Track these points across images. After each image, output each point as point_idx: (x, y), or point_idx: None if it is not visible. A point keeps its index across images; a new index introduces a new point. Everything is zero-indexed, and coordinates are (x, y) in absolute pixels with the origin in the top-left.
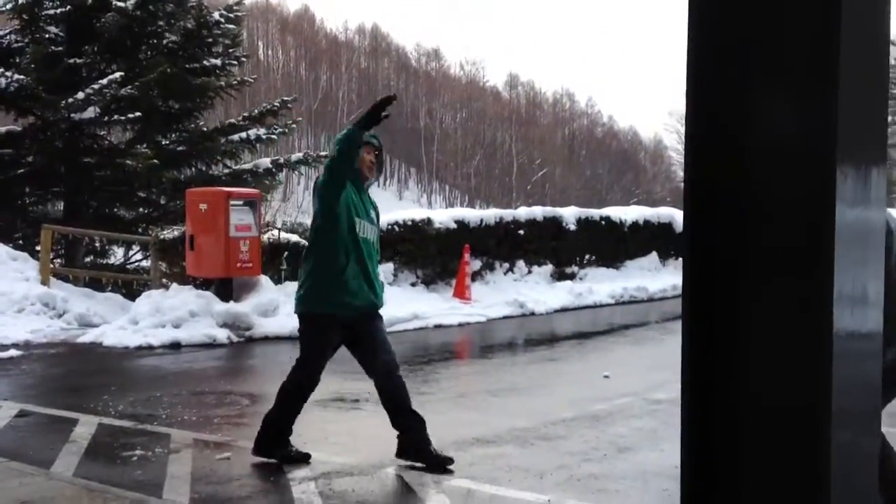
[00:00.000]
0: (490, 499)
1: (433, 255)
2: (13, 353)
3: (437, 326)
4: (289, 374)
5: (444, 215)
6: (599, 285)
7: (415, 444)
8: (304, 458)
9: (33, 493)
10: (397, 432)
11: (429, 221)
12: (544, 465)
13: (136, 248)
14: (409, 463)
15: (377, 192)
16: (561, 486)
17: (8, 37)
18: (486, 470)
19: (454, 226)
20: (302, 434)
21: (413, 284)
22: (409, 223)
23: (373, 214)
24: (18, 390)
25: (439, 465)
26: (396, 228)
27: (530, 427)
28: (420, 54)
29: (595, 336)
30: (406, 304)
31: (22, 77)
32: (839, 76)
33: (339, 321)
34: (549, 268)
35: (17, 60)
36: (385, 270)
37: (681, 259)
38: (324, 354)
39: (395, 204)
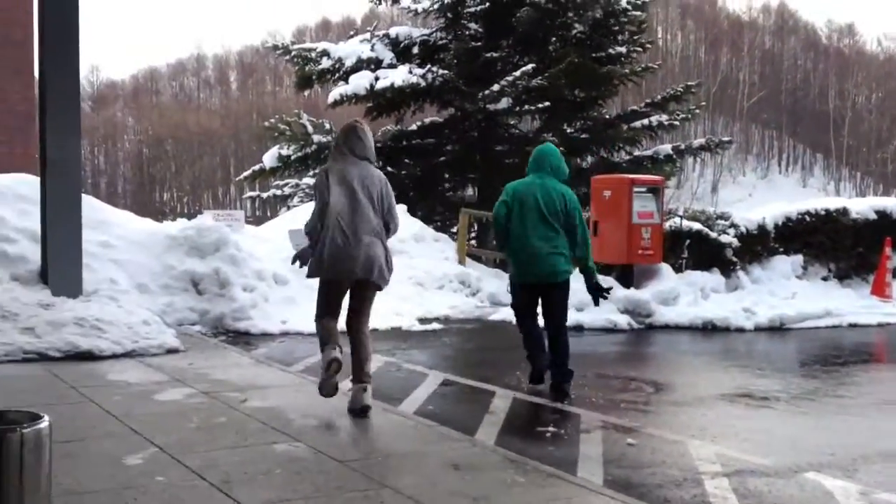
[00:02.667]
0: None
1: (848, 247)
2: (435, 326)
3: (852, 325)
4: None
5: (861, 205)
6: None
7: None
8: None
9: (461, 457)
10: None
11: (844, 211)
12: None
13: None
14: (827, 469)
15: (778, 178)
16: None
17: (435, 35)
18: None
19: (874, 216)
20: (708, 428)
21: (824, 279)
22: (822, 213)
23: None
24: (441, 361)
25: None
26: (807, 218)
27: None
28: (831, 31)
29: None
30: (817, 300)
31: (445, 72)
32: None
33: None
34: None
35: (442, 57)
36: (793, 262)
37: None
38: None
39: (799, 192)
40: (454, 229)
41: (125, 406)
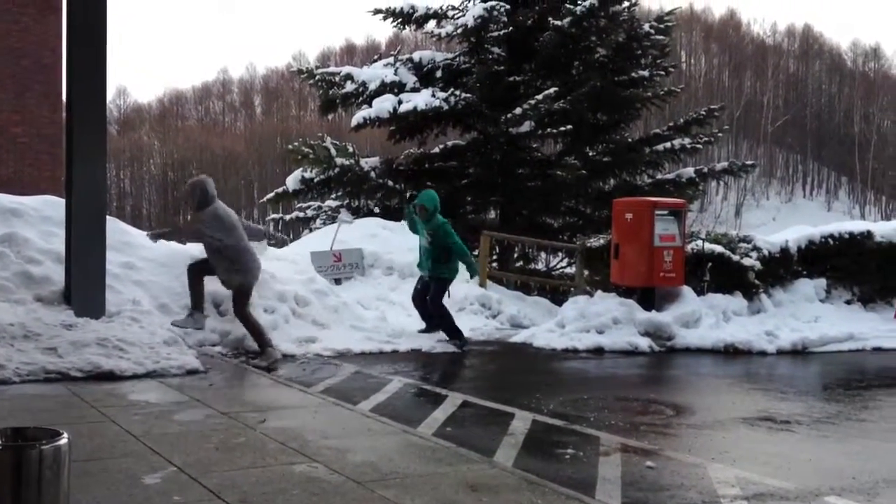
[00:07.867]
0: None
1: (872, 271)
2: (456, 347)
3: (876, 349)
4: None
5: (886, 228)
6: None
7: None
8: None
9: (479, 478)
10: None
11: (869, 234)
12: None
13: (560, 254)
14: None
15: (802, 202)
16: None
17: (458, 59)
18: None
19: None
20: (728, 451)
21: (848, 302)
22: (846, 236)
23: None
24: (461, 383)
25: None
26: (831, 241)
27: None
28: (856, 54)
29: None
30: (840, 324)
31: (468, 95)
32: None
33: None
34: None
35: (465, 80)
36: (816, 286)
37: None
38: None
39: (823, 216)
40: (475, 252)
41: (145, 426)
